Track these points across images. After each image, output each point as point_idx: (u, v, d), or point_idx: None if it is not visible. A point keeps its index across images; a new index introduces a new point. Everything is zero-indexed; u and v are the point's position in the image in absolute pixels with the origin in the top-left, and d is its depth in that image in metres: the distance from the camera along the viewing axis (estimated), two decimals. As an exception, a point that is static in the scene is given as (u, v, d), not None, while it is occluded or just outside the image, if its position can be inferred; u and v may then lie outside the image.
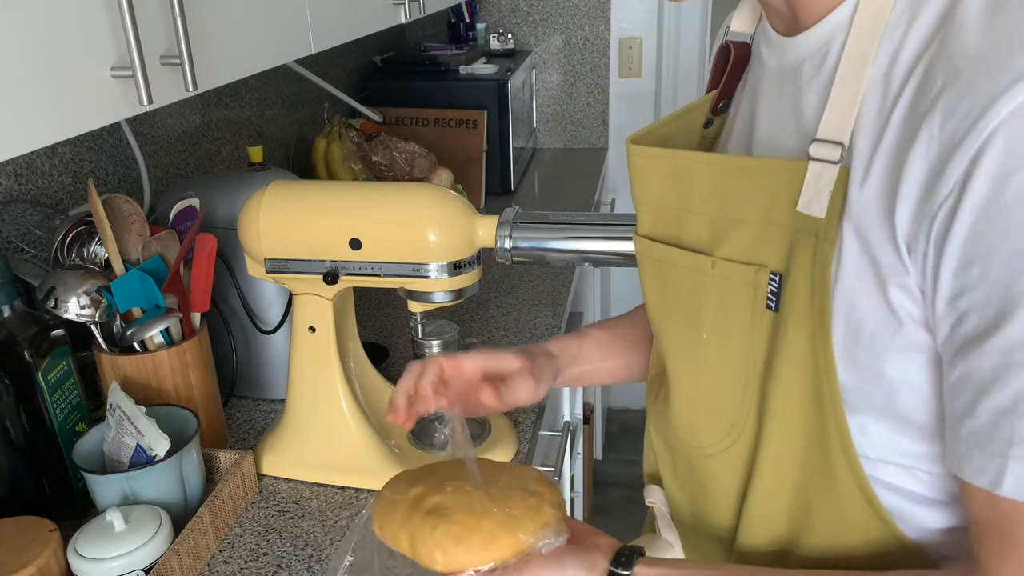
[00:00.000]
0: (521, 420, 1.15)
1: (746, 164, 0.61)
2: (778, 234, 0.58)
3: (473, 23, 2.48)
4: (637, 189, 0.70)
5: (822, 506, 0.62)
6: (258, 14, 0.88)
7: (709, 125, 0.73)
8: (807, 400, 0.59)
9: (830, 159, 0.54)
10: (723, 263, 0.62)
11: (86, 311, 0.93)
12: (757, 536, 0.67)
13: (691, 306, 0.66)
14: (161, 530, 0.84)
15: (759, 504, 0.65)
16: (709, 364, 0.66)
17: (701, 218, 0.64)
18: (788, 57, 0.61)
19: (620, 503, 2.55)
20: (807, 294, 0.57)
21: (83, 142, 1.18)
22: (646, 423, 0.81)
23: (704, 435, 0.69)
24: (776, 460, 0.63)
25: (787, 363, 0.59)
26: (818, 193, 0.55)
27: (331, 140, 1.82)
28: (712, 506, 0.71)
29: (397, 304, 1.53)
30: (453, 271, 0.92)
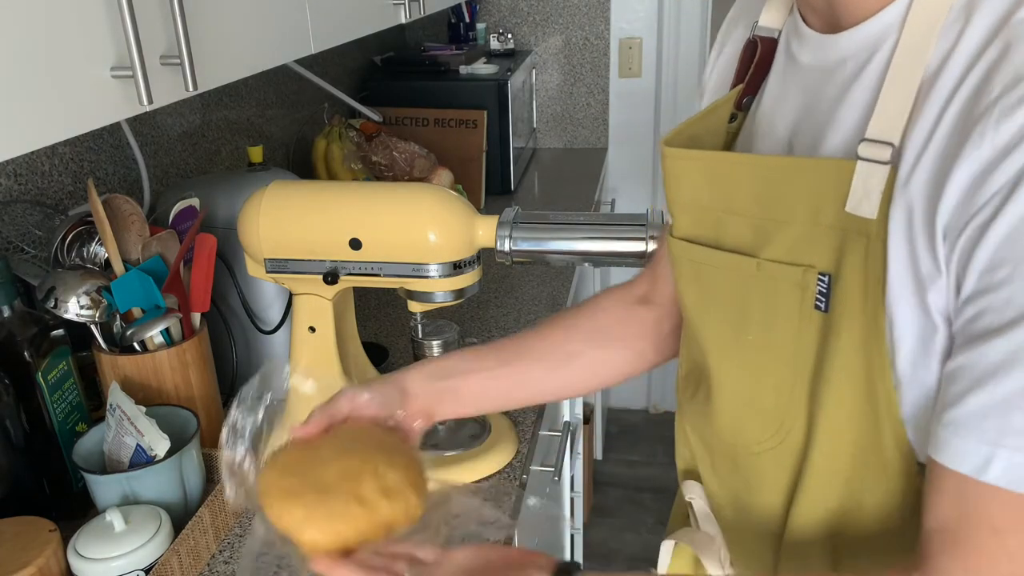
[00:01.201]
0: (521, 420, 1.15)
1: (791, 164, 0.60)
2: (826, 235, 0.57)
3: (473, 23, 2.48)
4: (673, 191, 0.68)
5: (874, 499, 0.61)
6: (258, 14, 0.88)
7: (733, 120, 0.71)
8: (861, 400, 0.59)
9: (880, 159, 0.53)
10: (769, 264, 0.61)
11: (86, 311, 0.93)
12: (807, 529, 0.66)
13: (734, 308, 0.65)
14: (161, 530, 0.84)
15: (809, 498, 0.65)
16: (755, 365, 0.65)
17: (743, 219, 0.63)
18: (828, 55, 0.60)
19: (620, 503, 2.56)
20: (860, 295, 0.56)
21: (83, 142, 1.18)
22: (677, 419, 0.80)
23: (750, 434, 0.68)
24: (828, 458, 0.62)
25: (840, 364, 0.59)
26: (868, 194, 0.54)
27: (331, 140, 1.82)
28: (758, 502, 0.70)
29: (397, 304, 1.53)
30: (453, 271, 0.92)
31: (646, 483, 2.64)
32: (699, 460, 0.78)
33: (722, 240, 0.65)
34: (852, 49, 0.58)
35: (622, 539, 2.41)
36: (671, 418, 3.13)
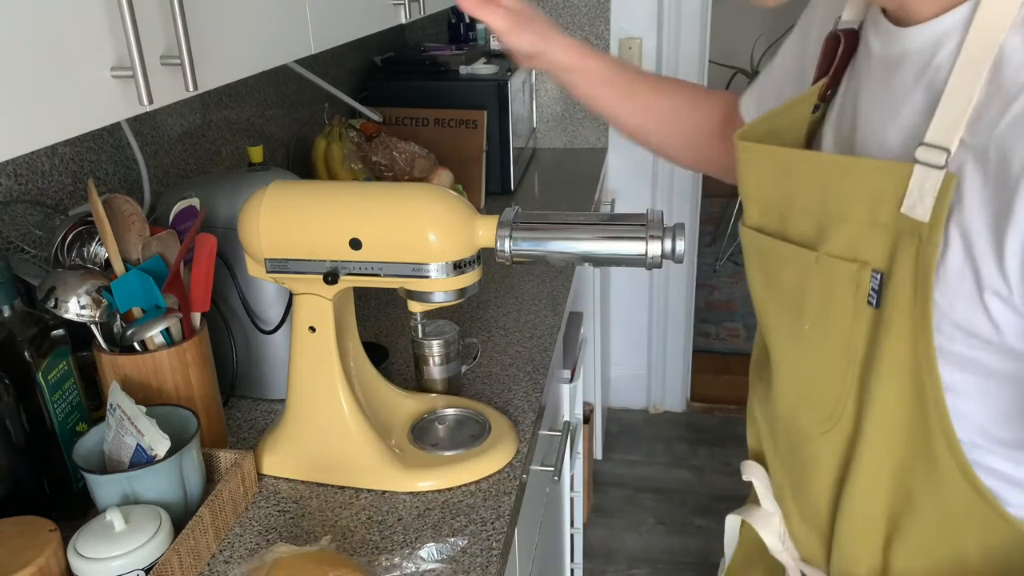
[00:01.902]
0: (521, 420, 1.15)
1: (853, 164, 0.62)
2: (881, 234, 0.60)
3: (473, 23, 2.48)
4: (745, 183, 0.72)
5: (924, 491, 0.64)
6: (258, 14, 0.88)
7: (816, 111, 0.74)
8: (908, 394, 0.61)
9: (935, 164, 0.55)
10: (827, 259, 0.64)
11: (86, 311, 0.93)
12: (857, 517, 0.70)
13: (794, 297, 0.69)
14: (161, 530, 0.84)
15: (859, 487, 0.68)
16: (810, 353, 0.69)
17: (806, 214, 0.66)
18: (893, 47, 0.62)
19: (620, 503, 2.56)
20: (909, 294, 0.59)
21: (83, 142, 1.18)
22: (749, 399, 0.86)
23: (804, 419, 0.72)
24: (877, 447, 0.66)
25: (889, 359, 0.61)
26: (922, 197, 0.56)
27: (331, 140, 1.82)
28: (811, 485, 0.75)
29: (397, 304, 1.53)
30: (453, 271, 0.92)
31: (646, 483, 2.64)
32: (764, 441, 0.83)
33: (786, 232, 0.69)
34: (915, 45, 0.60)
35: (622, 539, 2.41)
36: (671, 418, 3.15)
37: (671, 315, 2.84)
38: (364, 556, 0.91)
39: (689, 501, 2.55)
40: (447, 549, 0.91)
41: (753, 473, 0.85)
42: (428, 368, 1.18)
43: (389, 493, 1.01)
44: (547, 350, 1.34)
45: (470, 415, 1.13)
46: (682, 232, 0.88)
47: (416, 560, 0.90)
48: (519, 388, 1.23)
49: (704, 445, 2.81)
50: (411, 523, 0.96)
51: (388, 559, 0.90)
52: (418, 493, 1.01)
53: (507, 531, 0.94)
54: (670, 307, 2.83)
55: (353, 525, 0.96)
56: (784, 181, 0.67)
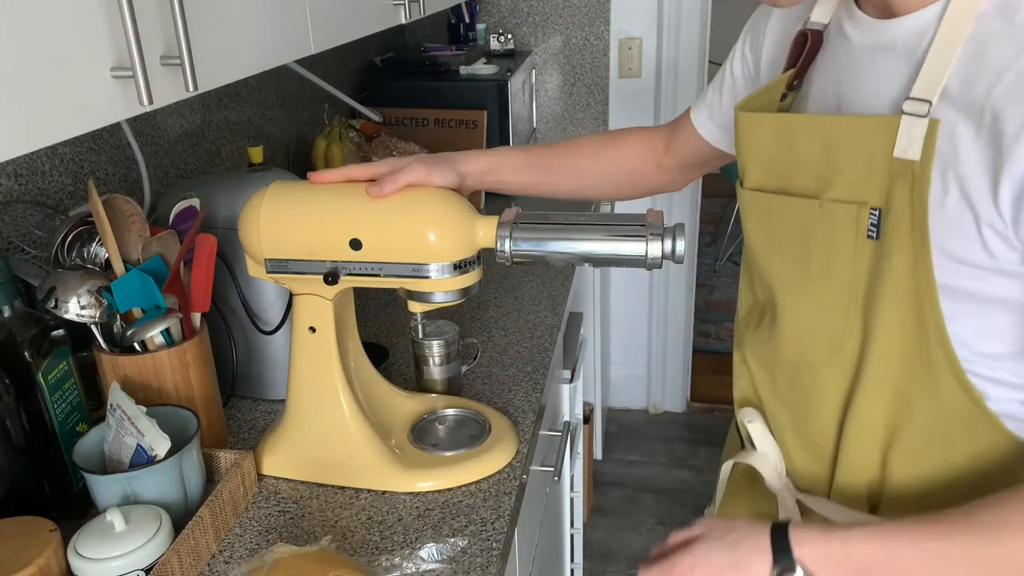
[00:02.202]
0: (521, 420, 1.15)
1: (848, 122, 0.73)
2: (878, 177, 0.70)
3: (473, 23, 2.48)
4: (748, 149, 0.82)
5: (921, 397, 0.74)
6: (258, 14, 0.88)
7: (784, 99, 0.84)
8: (909, 311, 0.71)
9: (919, 113, 0.67)
10: (829, 204, 0.74)
11: (86, 311, 0.93)
12: (860, 432, 0.78)
13: (799, 243, 0.78)
14: (161, 530, 0.84)
15: (863, 404, 0.77)
16: (817, 290, 0.78)
17: (807, 169, 0.76)
18: (880, 36, 0.74)
19: (620, 503, 2.56)
20: (908, 224, 0.69)
21: (83, 142, 1.18)
22: (736, 354, 0.93)
23: (812, 350, 0.81)
24: (879, 365, 0.75)
25: (891, 284, 0.71)
26: (912, 142, 0.67)
27: (331, 140, 1.82)
28: (815, 412, 0.83)
29: (397, 304, 1.53)
30: (453, 271, 0.92)
31: (646, 483, 2.64)
32: (759, 385, 0.90)
33: (789, 187, 0.78)
34: (902, 33, 0.71)
35: (622, 539, 2.42)
36: (671, 418, 3.14)
37: (671, 315, 2.84)
38: (364, 556, 0.91)
39: (689, 501, 2.55)
40: (447, 549, 0.91)
41: (754, 416, 0.91)
42: (428, 368, 1.18)
43: (389, 493, 1.01)
44: (547, 350, 1.34)
45: (470, 415, 1.13)
46: (682, 232, 0.88)
47: (416, 560, 0.90)
48: (519, 388, 1.23)
49: (704, 445, 2.81)
50: (411, 523, 0.96)
51: (388, 559, 0.90)
52: (418, 493, 1.01)
53: (507, 531, 0.94)
54: (670, 307, 2.83)
55: (353, 525, 0.96)
56: (787, 142, 0.77)
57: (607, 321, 2.75)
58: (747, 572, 0.72)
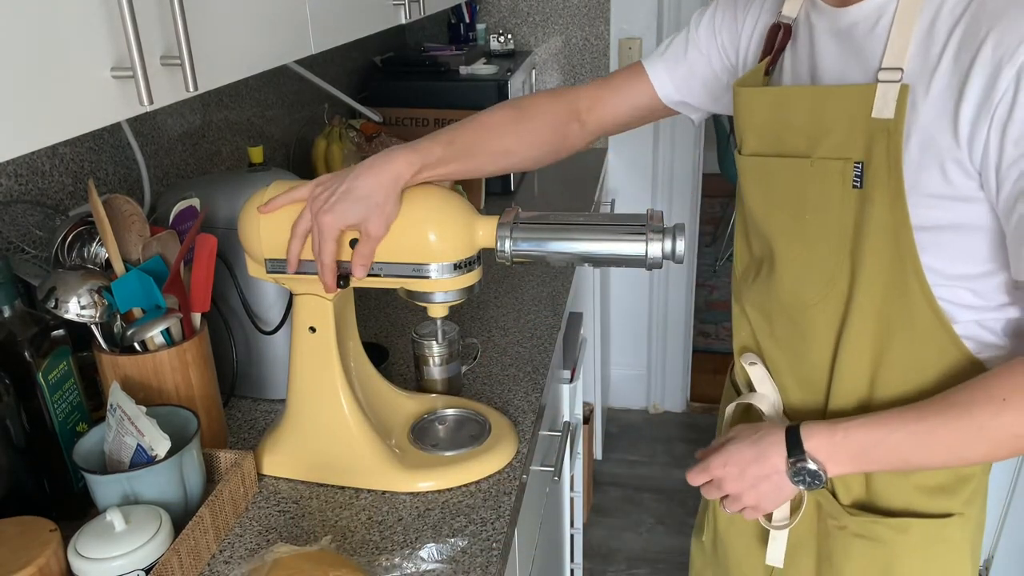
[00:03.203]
0: (521, 420, 1.15)
1: (833, 90, 0.84)
2: (859, 136, 0.81)
3: (473, 23, 2.48)
4: (746, 119, 0.92)
5: (899, 325, 0.85)
6: (258, 14, 0.88)
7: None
8: (889, 248, 0.82)
9: (892, 79, 0.79)
10: (819, 161, 0.85)
11: (86, 311, 0.93)
12: (850, 362, 0.90)
13: (794, 198, 0.88)
14: (161, 530, 0.84)
15: (852, 336, 0.88)
16: (811, 237, 0.88)
17: (798, 132, 0.86)
18: (841, 21, 0.85)
19: (620, 503, 2.56)
20: (885, 172, 0.80)
21: (83, 142, 1.18)
22: (736, 307, 1.04)
23: (807, 291, 0.91)
24: (864, 300, 0.86)
25: (873, 225, 0.82)
26: (886, 103, 0.79)
27: (331, 140, 1.82)
28: (810, 348, 0.93)
29: (397, 304, 1.53)
30: (453, 271, 0.92)
31: (646, 483, 2.64)
32: (758, 331, 1.00)
33: (782, 150, 0.88)
34: (860, 16, 0.83)
35: (622, 539, 2.42)
36: (671, 418, 3.14)
37: (671, 315, 2.84)
38: (364, 556, 0.91)
39: (689, 501, 2.55)
40: (447, 549, 0.91)
41: (754, 359, 1.01)
42: (428, 368, 1.18)
43: (389, 493, 1.01)
44: (547, 350, 1.34)
45: (470, 415, 1.13)
46: (682, 232, 0.88)
47: (416, 560, 0.90)
48: (519, 388, 1.23)
49: (704, 445, 2.80)
50: (411, 523, 0.96)
51: (388, 559, 0.90)
52: (418, 493, 1.01)
53: (507, 531, 0.94)
54: (670, 307, 2.83)
55: (353, 525, 0.96)
56: (780, 111, 0.88)
57: (607, 321, 2.75)
58: (767, 463, 0.88)
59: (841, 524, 0.96)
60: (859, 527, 0.94)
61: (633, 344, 2.90)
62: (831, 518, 0.97)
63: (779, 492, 0.89)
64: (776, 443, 0.87)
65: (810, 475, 0.85)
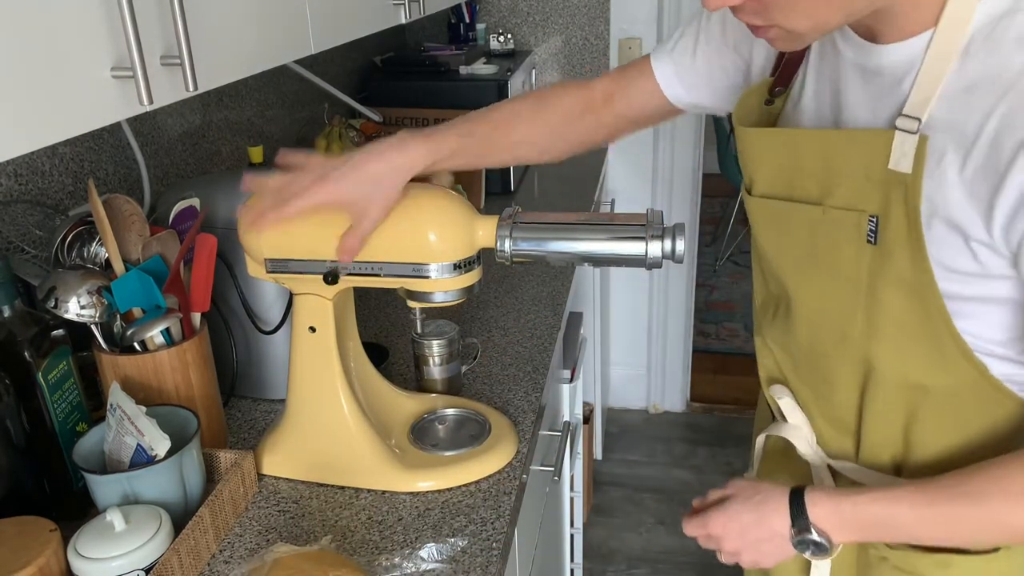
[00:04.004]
0: (521, 420, 1.15)
1: (847, 135, 0.79)
2: (874, 187, 0.75)
3: (473, 23, 2.48)
4: (755, 160, 0.87)
5: (935, 379, 0.80)
6: (258, 14, 0.88)
7: (770, 104, 0.89)
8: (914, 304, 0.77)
9: (910, 129, 0.72)
10: (832, 210, 0.79)
11: (86, 311, 0.93)
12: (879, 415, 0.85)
13: (807, 244, 0.83)
14: (161, 530, 0.84)
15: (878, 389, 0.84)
16: (825, 286, 0.84)
17: (811, 178, 0.81)
18: (870, 59, 0.77)
19: (620, 503, 2.56)
20: (904, 229, 0.74)
21: (83, 142, 1.18)
22: (758, 338, 1.00)
23: (823, 340, 0.87)
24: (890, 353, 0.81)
25: (893, 282, 0.77)
26: (904, 155, 0.72)
27: (331, 140, 1.82)
28: (835, 391, 0.89)
29: (397, 304, 1.53)
30: (453, 271, 0.92)
31: (646, 483, 2.64)
32: (783, 366, 0.97)
33: (794, 194, 0.83)
34: (887, 61, 0.75)
35: (622, 539, 2.42)
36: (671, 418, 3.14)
37: (671, 315, 2.84)
38: (364, 556, 0.91)
39: (689, 501, 2.54)
40: (447, 549, 0.91)
41: (782, 391, 0.96)
42: (428, 368, 1.18)
43: (389, 493, 1.01)
44: (547, 350, 1.34)
45: (470, 415, 1.13)
46: (682, 232, 0.88)
47: (416, 560, 0.90)
48: (519, 388, 1.23)
49: (704, 445, 2.81)
50: (411, 523, 0.96)
51: (388, 559, 0.90)
52: (418, 493, 1.01)
53: (507, 531, 0.94)
54: (670, 307, 2.83)
55: (353, 525, 0.96)
56: (792, 153, 0.82)
57: (607, 321, 2.75)
58: (769, 530, 0.84)
59: (882, 555, 0.91)
60: (900, 560, 0.89)
61: (633, 344, 2.90)
62: (873, 548, 0.91)
63: (780, 553, 0.85)
64: (779, 509, 0.83)
65: (815, 545, 0.81)
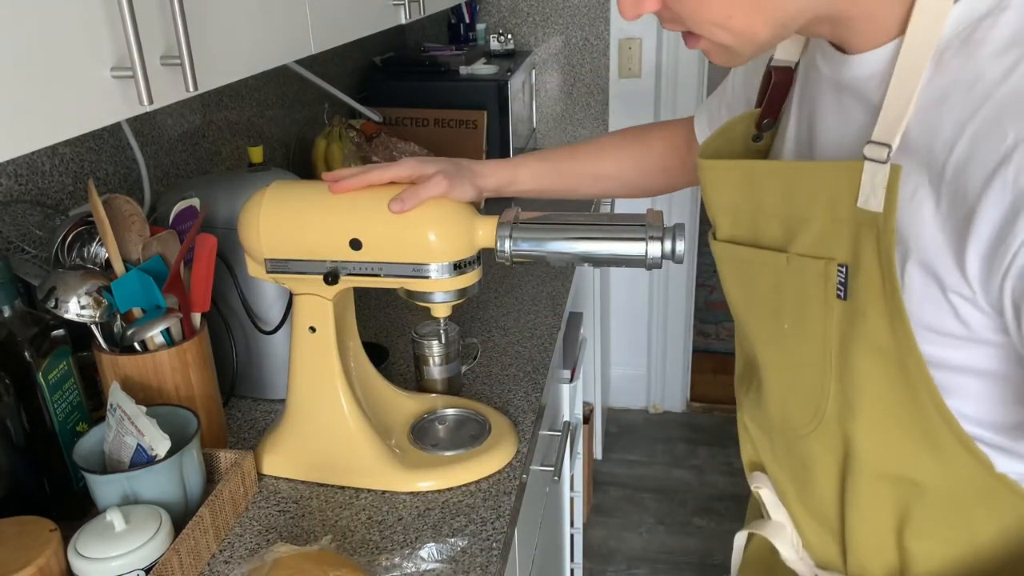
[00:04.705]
0: (521, 420, 1.15)
1: (810, 168, 0.67)
2: (843, 229, 0.64)
3: (473, 23, 2.48)
4: (714, 198, 0.76)
5: (929, 473, 0.67)
6: (258, 14, 0.88)
7: (758, 140, 0.80)
8: (893, 377, 0.64)
9: (879, 159, 0.60)
10: (797, 258, 0.68)
11: (86, 311, 0.93)
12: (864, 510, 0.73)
13: (772, 299, 0.72)
14: (161, 530, 0.84)
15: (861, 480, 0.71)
16: (793, 352, 0.72)
17: (774, 219, 0.70)
18: (841, 72, 0.67)
19: (620, 503, 2.56)
20: (877, 281, 0.62)
21: (83, 142, 1.18)
22: (738, 415, 0.88)
23: (795, 418, 0.75)
24: (870, 437, 0.68)
25: (867, 344, 0.64)
26: (874, 190, 0.61)
27: (331, 140, 1.82)
28: (814, 483, 0.77)
29: (397, 304, 1.53)
30: (453, 271, 0.92)
31: (646, 483, 2.64)
32: (761, 449, 0.85)
33: (759, 238, 0.72)
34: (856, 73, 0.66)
35: (622, 539, 2.41)
36: (671, 418, 3.14)
37: (671, 315, 2.84)
38: (364, 556, 0.91)
39: (689, 501, 2.55)
40: (447, 549, 0.91)
41: (762, 482, 0.86)
42: (428, 368, 1.18)
43: (389, 493, 1.01)
44: (547, 350, 1.34)
45: (470, 415, 1.13)
46: (682, 232, 0.88)
47: (416, 560, 0.90)
48: (519, 388, 1.23)
49: (704, 445, 2.81)
50: (411, 523, 0.96)
51: (388, 559, 0.90)
52: (418, 493, 1.01)
53: (507, 531, 0.94)
54: (670, 307, 2.83)
55: (353, 525, 0.96)
56: (751, 190, 0.71)
57: (607, 321, 2.75)
58: None
59: None
60: None
61: (633, 344, 2.90)
62: None
63: None
64: None
65: None
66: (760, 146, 0.80)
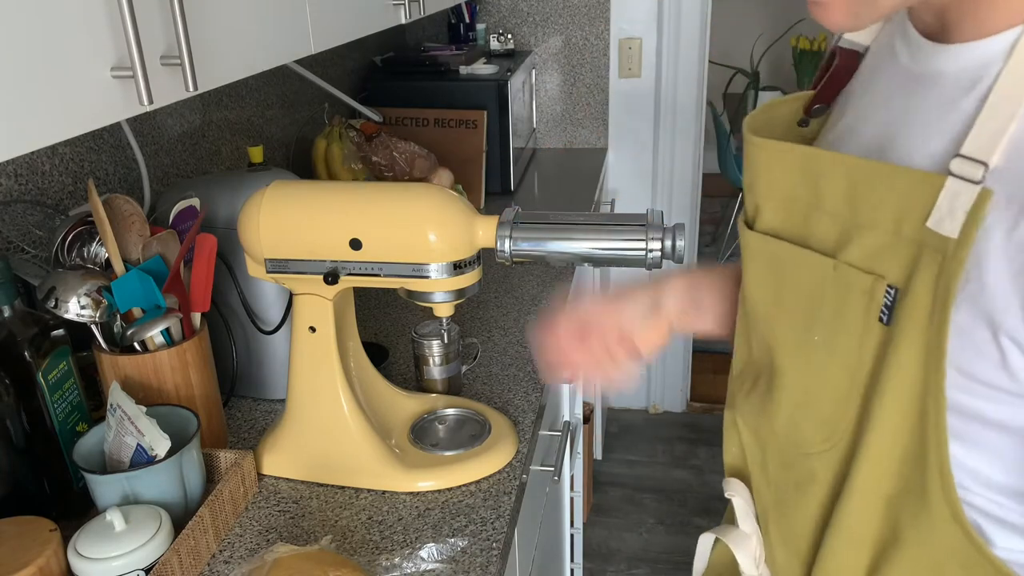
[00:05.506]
0: (521, 420, 1.15)
1: (884, 169, 0.58)
2: (902, 247, 0.57)
3: (473, 23, 2.48)
4: (764, 182, 0.68)
5: (911, 526, 0.62)
6: (258, 14, 0.88)
7: (804, 125, 0.72)
8: (912, 417, 0.59)
9: (971, 178, 0.52)
10: (844, 267, 0.61)
11: (86, 311, 0.93)
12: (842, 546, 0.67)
13: (807, 306, 0.65)
14: (161, 530, 0.84)
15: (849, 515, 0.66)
16: (817, 366, 0.66)
17: (832, 218, 0.62)
18: (928, 64, 0.60)
19: (620, 503, 2.56)
20: (926, 312, 0.55)
21: (83, 142, 1.18)
22: (727, 413, 0.81)
23: (806, 436, 0.69)
24: (871, 474, 0.63)
25: (897, 379, 0.58)
26: (952, 212, 0.53)
27: (331, 140, 1.82)
28: (799, 507, 0.71)
29: (397, 304, 1.53)
30: (453, 271, 0.92)
31: (646, 483, 2.64)
32: (750, 457, 0.79)
33: (808, 237, 0.65)
34: (957, 65, 0.57)
35: (622, 539, 2.41)
36: (671, 418, 3.14)
37: (671, 315, 2.83)
38: (364, 556, 0.91)
39: (689, 501, 2.55)
40: (447, 549, 0.91)
41: (736, 490, 0.81)
42: (428, 368, 1.18)
43: (389, 493, 1.01)
44: (547, 350, 1.34)
45: (470, 415, 1.13)
46: (682, 232, 0.88)
47: (416, 560, 0.90)
48: (519, 388, 1.23)
49: (704, 445, 2.81)
50: (411, 523, 0.96)
51: (388, 559, 0.90)
52: (418, 493, 1.01)
53: (507, 531, 0.94)
54: (670, 307, 2.82)
55: (353, 525, 0.96)
56: (810, 181, 0.63)
57: (607, 321, 2.74)
58: None
59: None
60: None
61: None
62: None
63: None
64: None
65: None
66: (806, 132, 0.72)
